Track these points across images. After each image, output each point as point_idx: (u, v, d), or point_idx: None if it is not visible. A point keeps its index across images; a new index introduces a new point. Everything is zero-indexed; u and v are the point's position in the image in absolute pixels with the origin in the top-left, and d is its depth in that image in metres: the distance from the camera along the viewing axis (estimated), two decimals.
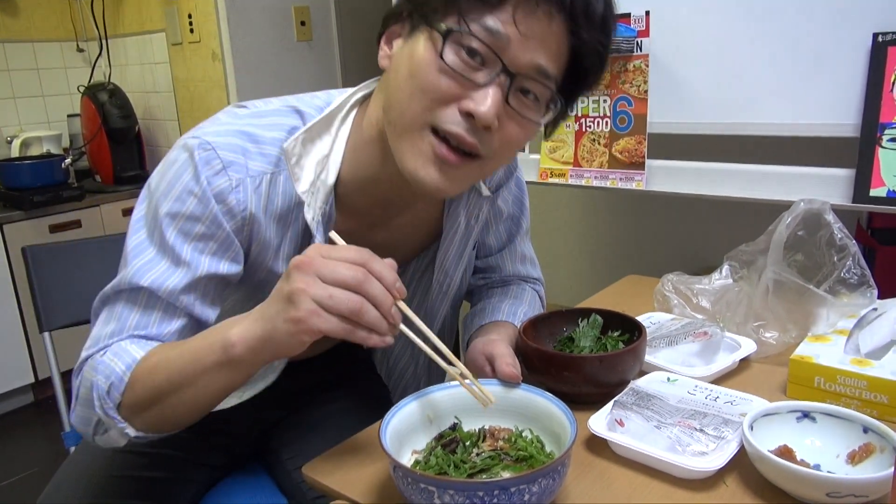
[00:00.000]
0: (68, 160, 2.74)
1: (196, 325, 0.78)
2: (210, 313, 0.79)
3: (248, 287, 0.86)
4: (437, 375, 1.17)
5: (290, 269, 0.61)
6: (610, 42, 0.75)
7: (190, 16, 2.63)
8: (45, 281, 1.25)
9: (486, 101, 0.69)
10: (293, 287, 0.60)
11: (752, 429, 0.70)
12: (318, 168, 0.80)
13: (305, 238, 0.84)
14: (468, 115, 0.70)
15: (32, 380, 2.60)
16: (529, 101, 0.73)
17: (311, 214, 0.79)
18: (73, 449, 1.14)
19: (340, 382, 1.11)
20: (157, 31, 2.80)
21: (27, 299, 2.51)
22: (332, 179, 0.81)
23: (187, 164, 0.75)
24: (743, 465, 0.70)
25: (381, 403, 1.09)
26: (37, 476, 2.22)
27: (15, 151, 2.82)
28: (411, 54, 0.72)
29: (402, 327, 0.66)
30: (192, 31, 2.65)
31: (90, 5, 2.86)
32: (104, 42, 2.92)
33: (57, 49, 3.09)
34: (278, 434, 1.05)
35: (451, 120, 0.70)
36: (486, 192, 0.95)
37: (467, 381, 0.71)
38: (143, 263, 0.75)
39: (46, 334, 1.25)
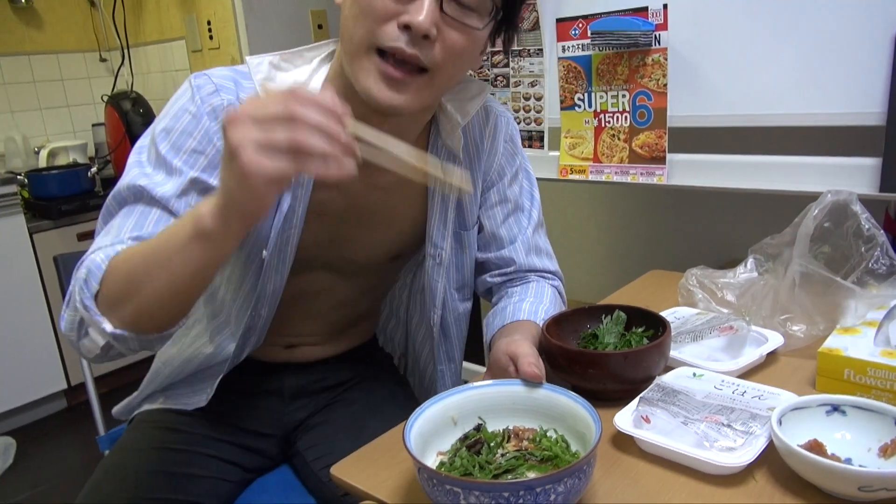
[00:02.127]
0: (94, 169, 2.79)
1: None
2: None
3: None
4: (458, 374, 1.18)
5: (224, 126, 0.59)
6: None
7: (209, 23, 2.66)
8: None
9: (420, 10, 0.74)
10: (229, 141, 0.58)
11: (780, 423, 0.70)
12: None
13: None
14: (406, 28, 0.74)
15: (65, 386, 2.65)
16: (466, 10, 0.78)
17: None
18: (107, 452, 1.16)
19: (362, 382, 1.12)
20: (178, 39, 2.83)
21: (57, 307, 2.56)
22: None
23: (186, 90, 0.84)
24: (772, 460, 0.69)
25: (404, 403, 1.10)
26: (71, 481, 2.26)
27: (42, 162, 2.88)
28: None
29: (367, 149, 0.63)
30: (211, 37, 2.68)
31: (112, 16, 2.91)
32: (126, 51, 2.96)
33: (81, 60, 3.15)
34: (304, 435, 1.07)
35: (391, 36, 0.75)
36: (456, 150, 0.96)
37: (441, 176, 0.69)
38: (141, 172, 0.81)
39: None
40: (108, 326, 0.72)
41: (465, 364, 2.13)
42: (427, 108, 0.91)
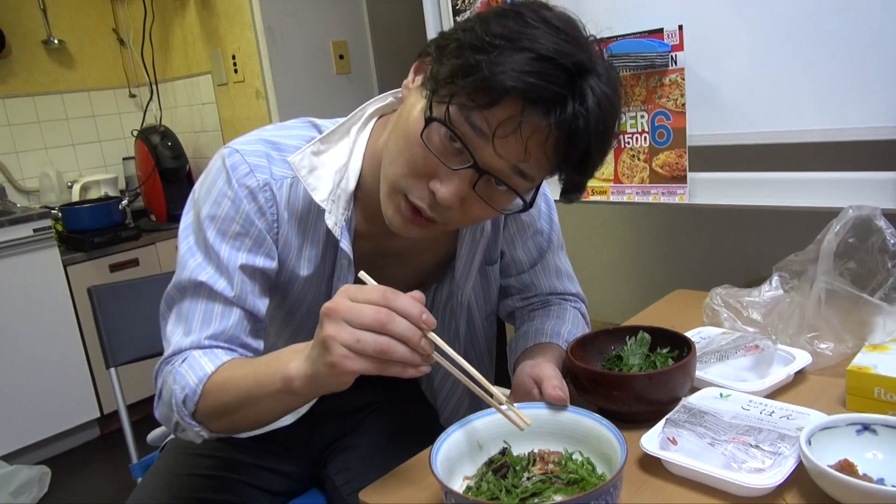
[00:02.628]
0: (125, 202, 2.86)
1: (252, 316, 0.87)
2: (260, 305, 0.88)
3: (277, 289, 0.93)
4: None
5: (322, 316, 0.65)
6: (590, 175, 0.79)
7: (234, 57, 2.73)
8: (109, 319, 1.31)
9: (449, 186, 0.74)
10: (325, 334, 0.64)
11: (809, 443, 0.69)
12: (337, 177, 0.87)
13: (327, 242, 0.90)
14: (433, 193, 0.75)
15: (98, 414, 2.70)
16: (501, 190, 0.77)
17: (333, 221, 0.86)
18: (139, 480, 1.18)
19: (388, 406, 1.13)
20: (204, 74, 2.91)
21: (91, 337, 2.61)
22: (352, 185, 0.87)
23: (220, 171, 0.86)
24: (802, 481, 0.69)
25: (429, 426, 1.11)
26: None
27: (75, 196, 2.96)
28: (411, 110, 0.78)
29: (437, 356, 0.68)
30: (236, 71, 2.75)
31: (140, 53, 3.00)
32: (154, 87, 3.05)
33: (111, 96, 3.24)
34: (333, 459, 1.08)
35: (418, 194, 0.77)
36: None
37: (503, 406, 0.72)
38: (197, 265, 0.85)
39: (113, 370, 1.30)
40: (206, 433, 0.81)
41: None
42: None
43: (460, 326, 1.06)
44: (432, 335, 0.66)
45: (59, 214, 2.72)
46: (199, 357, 0.81)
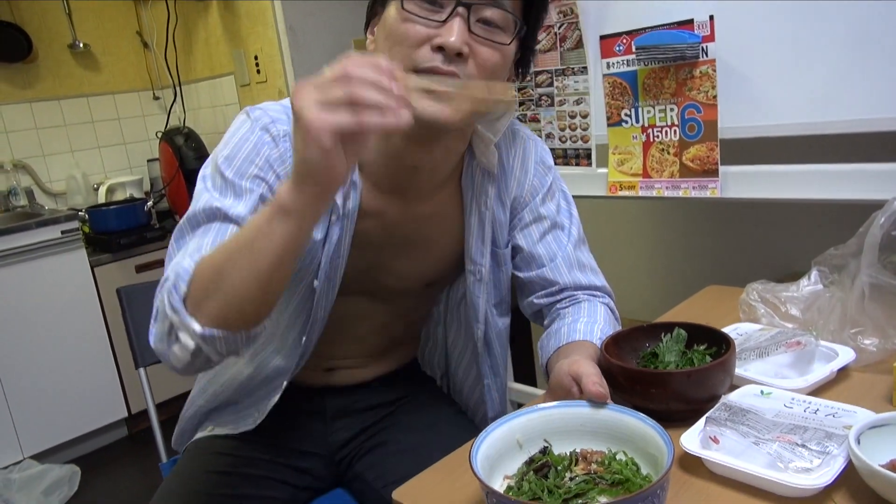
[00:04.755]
0: (150, 203, 2.89)
1: None
2: None
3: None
4: (503, 388, 1.18)
5: (291, 96, 0.64)
6: None
7: (256, 57, 2.74)
8: (137, 319, 1.31)
9: (451, 31, 0.80)
10: (294, 106, 0.62)
11: (858, 442, 0.67)
12: None
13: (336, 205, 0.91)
14: (439, 49, 0.80)
15: (126, 414, 2.73)
16: (493, 29, 0.84)
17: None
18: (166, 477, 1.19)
19: (410, 402, 1.13)
20: (227, 75, 2.93)
21: (118, 337, 2.64)
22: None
23: (244, 121, 0.89)
24: (852, 481, 0.66)
25: (459, 421, 1.11)
26: None
27: (101, 198, 2.99)
28: (384, 23, 0.85)
29: (422, 86, 0.70)
30: (258, 71, 2.76)
31: (164, 55, 3.02)
32: (178, 89, 3.07)
33: (135, 99, 3.28)
34: (361, 458, 1.07)
35: (426, 58, 0.81)
36: (491, 166, 0.99)
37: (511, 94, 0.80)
38: (212, 197, 0.85)
39: (142, 370, 1.31)
40: (198, 326, 0.73)
41: (515, 385, 2.12)
42: (463, 133, 0.94)
43: (479, 315, 1.06)
44: (405, 76, 0.66)
45: (86, 216, 2.75)
46: (196, 254, 0.78)
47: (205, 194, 0.86)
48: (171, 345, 0.77)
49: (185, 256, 0.79)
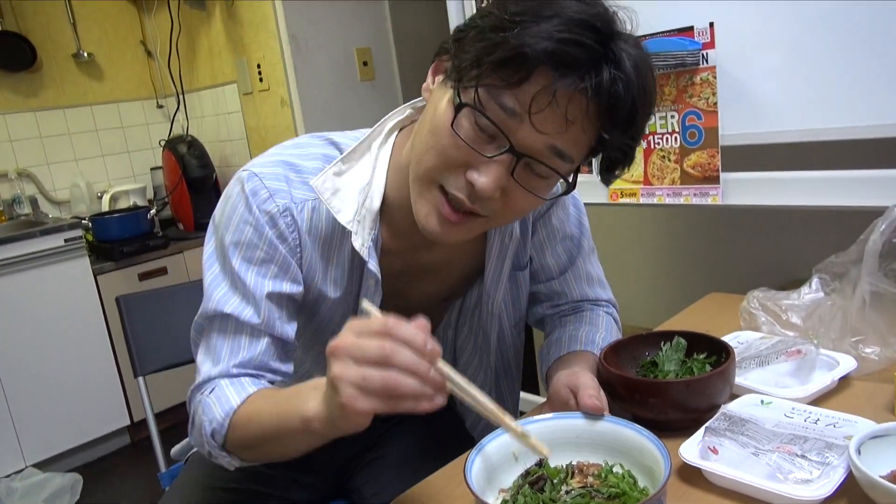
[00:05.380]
0: (153, 211, 2.90)
1: (280, 342, 0.85)
2: (289, 329, 0.86)
3: (304, 310, 0.92)
4: (517, 404, 1.17)
5: (328, 355, 0.62)
6: (637, 140, 0.75)
7: (259, 66, 2.75)
8: (137, 328, 1.31)
9: (487, 175, 0.71)
10: (332, 375, 0.61)
11: (859, 453, 0.66)
12: (361, 196, 0.84)
13: (353, 261, 0.88)
14: (471, 184, 0.72)
15: (128, 422, 2.73)
16: (540, 175, 0.74)
17: (360, 242, 0.84)
18: (167, 489, 1.18)
19: (413, 416, 1.11)
20: (229, 83, 2.94)
21: (120, 345, 2.64)
22: (377, 204, 0.85)
23: (240, 196, 0.84)
24: (853, 492, 0.66)
25: (457, 437, 1.09)
26: None
27: (105, 206, 3.01)
28: (436, 106, 0.76)
29: (451, 385, 0.64)
30: (261, 80, 2.77)
31: (167, 64, 3.04)
32: (181, 97, 3.09)
33: (139, 108, 3.29)
34: (359, 471, 1.06)
35: (456, 185, 0.74)
36: None
37: (519, 431, 0.68)
38: (222, 295, 0.84)
39: (141, 379, 1.30)
40: (237, 463, 0.81)
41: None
42: None
43: (490, 336, 1.04)
44: (442, 364, 0.63)
45: (90, 224, 2.76)
46: (226, 388, 0.80)
47: (215, 290, 0.84)
48: (212, 458, 0.83)
49: (210, 370, 0.83)
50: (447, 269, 0.98)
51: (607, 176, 0.80)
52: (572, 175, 0.77)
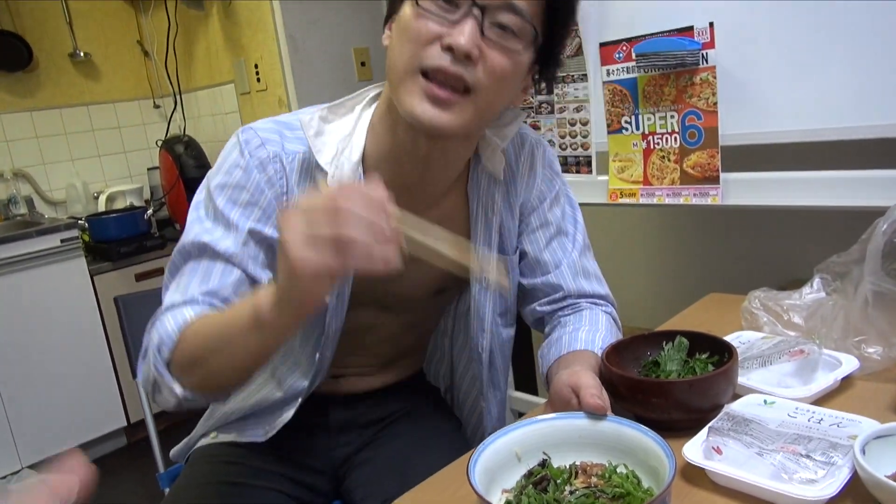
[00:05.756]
0: (150, 211, 2.88)
1: (251, 282, 0.86)
2: (262, 274, 0.87)
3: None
4: (504, 402, 1.16)
5: (277, 219, 0.62)
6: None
7: (256, 66, 2.74)
8: (135, 328, 1.30)
9: (462, 32, 0.77)
10: (281, 235, 0.61)
11: (864, 452, 0.66)
12: (342, 145, 0.89)
13: None
14: (449, 49, 0.78)
15: (125, 423, 2.71)
16: (507, 34, 0.80)
17: (336, 182, 0.87)
18: (167, 490, 1.18)
19: (408, 415, 1.11)
20: (227, 83, 2.93)
21: (117, 346, 2.63)
22: (356, 156, 0.89)
23: (235, 145, 0.89)
24: (858, 492, 0.65)
25: (451, 436, 1.09)
26: None
27: (101, 206, 2.99)
28: (399, 20, 0.83)
29: (406, 241, 0.63)
30: (258, 80, 2.76)
31: (164, 64, 3.02)
32: (178, 97, 3.07)
33: (136, 107, 3.28)
34: (352, 473, 1.06)
35: (435, 56, 0.79)
36: (497, 172, 0.98)
37: (483, 274, 0.71)
38: (202, 229, 0.86)
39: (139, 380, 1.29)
40: (178, 389, 0.79)
41: (515, 393, 2.11)
42: (469, 138, 0.92)
43: (485, 324, 1.04)
44: (397, 212, 0.62)
45: (86, 225, 2.75)
46: (185, 309, 0.81)
47: (195, 225, 0.87)
48: (155, 393, 0.82)
49: (175, 299, 0.82)
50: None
51: (557, 49, 0.88)
52: (532, 29, 0.82)
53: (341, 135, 0.90)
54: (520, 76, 0.86)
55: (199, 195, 0.91)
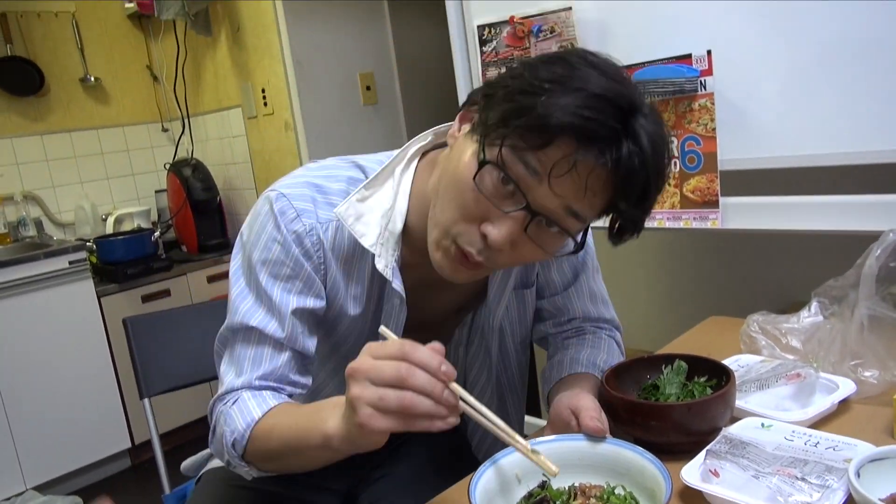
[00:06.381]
0: (157, 233, 2.91)
1: (301, 355, 0.89)
2: (310, 344, 0.90)
3: (324, 326, 0.95)
4: (521, 424, 1.17)
5: (347, 377, 0.66)
6: (648, 212, 0.78)
7: (263, 90, 2.79)
8: (143, 350, 1.32)
9: (501, 228, 0.75)
10: (350, 395, 0.65)
11: (858, 476, 0.67)
12: (384, 220, 0.87)
13: (373, 279, 0.92)
14: (484, 235, 0.76)
15: (129, 444, 2.72)
16: (552, 232, 0.77)
17: (384, 264, 0.87)
18: None
19: (418, 435, 1.12)
20: (234, 107, 2.97)
21: (123, 367, 2.65)
22: (399, 227, 0.88)
23: (269, 216, 0.87)
24: None
25: (461, 456, 1.10)
26: None
27: (109, 228, 3.02)
28: (460, 156, 0.78)
29: (463, 405, 0.68)
30: (265, 104, 2.80)
31: (173, 88, 3.08)
32: (186, 121, 3.12)
33: (144, 131, 3.33)
34: (366, 489, 1.07)
35: (469, 240, 0.77)
36: None
37: (529, 449, 0.71)
38: (248, 308, 0.88)
39: (146, 400, 1.31)
40: (255, 473, 0.85)
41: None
42: None
43: (492, 351, 1.05)
44: (455, 386, 0.66)
45: (94, 246, 2.77)
46: (248, 400, 0.84)
47: (241, 303, 0.88)
48: (231, 467, 0.87)
49: (234, 381, 0.87)
50: (459, 287, 0.98)
51: (616, 240, 0.82)
52: (582, 233, 0.81)
53: (383, 209, 0.88)
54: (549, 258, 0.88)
55: (237, 262, 0.92)
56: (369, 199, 0.89)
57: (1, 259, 2.45)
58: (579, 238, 0.80)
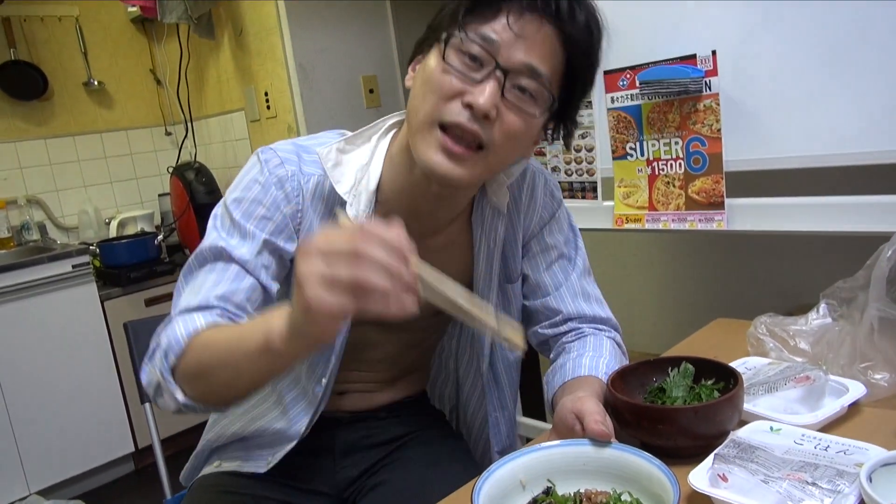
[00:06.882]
0: (160, 237, 2.91)
1: (263, 291, 0.89)
2: (272, 285, 0.90)
3: (289, 281, 0.94)
4: (512, 421, 1.16)
5: (296, 256, 0.63)
6: (597, 46, 0.87)
7: (266, 93, 2.79)
8: (145, 354, 1.31)
9: (483, 92, 0.80)
10: (298, 271, 0.60)
11: (870, 480, 0.65)
12: (359, 174, 0.92)
13: None
14: (469, 107, 0.81)
15: (133, 449, 2.71)
16: (526, 97, 0.83)
17: (354, 212, 0.90)
18: None
19: (415, 438, 1.11)
20: (237, 111, 2.97)
21: (126, 371, 2.64)
22: (373, 185, 0.92)
23: (255, 163, 0.93)
24: None
25: (462, 458, 1.09)
26: None
27: (112, 232, 3.02)
28: (424, 67, 0.86)
29: (423, 288, 0.62)
30: (268, 107, 2.80)
31: (176, 92, 3.08)
32: (189, 124, 3.12)
33: (147, 135, 3.33)
34: (364, 496, 1.06)
35: (454, 111, 0.81)
36: (501, 206, 1.00)
37: (496, 328, 0.67)
38: (218, 236, 0.90)
39: (147, 405, 1.30)
40: (180, 396, 0.80)
41: (523, 419, 2.09)
42: (477, 183, 0.95)
43: (484, 348, 1.05)
44: (415, 262, 0.61)
45: (97, 250, 2.77)
46: (197, 315, 0.82)
47: (213, 233, 0.90)
48: (157, 396, 0.83)
49: (191, 302, 0.84)
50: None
51: (574, 91, 0.88)
52: (549, 96, 0.85)
53: (358, 164, 0.93)
54: (533, 135, 0.89)
55: (217, 209, 0.94)
56: (348, 153, 0.93)
57: (4, 263, 2.45)
58: (549, 98, 0.84)
